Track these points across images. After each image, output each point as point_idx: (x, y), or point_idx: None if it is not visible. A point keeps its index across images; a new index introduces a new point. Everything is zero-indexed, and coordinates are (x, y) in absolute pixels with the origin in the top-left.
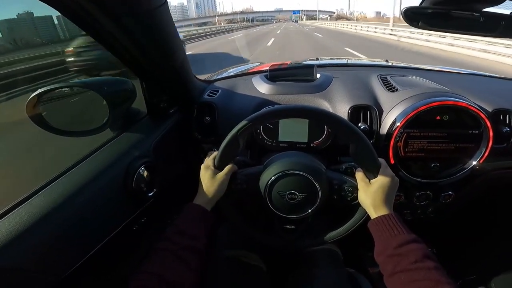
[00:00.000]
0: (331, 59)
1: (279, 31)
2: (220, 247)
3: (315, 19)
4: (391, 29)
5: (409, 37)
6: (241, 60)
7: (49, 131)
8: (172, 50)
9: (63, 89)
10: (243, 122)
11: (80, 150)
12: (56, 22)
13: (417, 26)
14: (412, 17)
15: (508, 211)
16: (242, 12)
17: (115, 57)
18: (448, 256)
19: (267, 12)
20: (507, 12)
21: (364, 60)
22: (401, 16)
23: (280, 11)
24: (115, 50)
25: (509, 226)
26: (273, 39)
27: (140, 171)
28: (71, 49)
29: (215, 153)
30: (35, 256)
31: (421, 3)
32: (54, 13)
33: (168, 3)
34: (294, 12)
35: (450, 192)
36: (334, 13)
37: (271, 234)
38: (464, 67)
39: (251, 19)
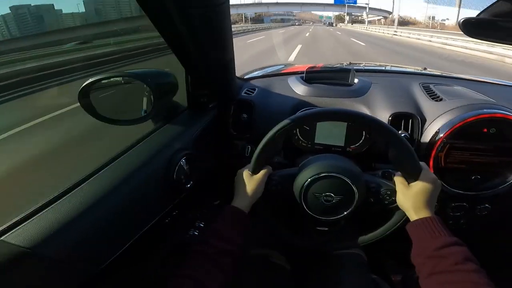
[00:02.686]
0: (366, 64)
1: None
2: (246, 245)
3: (358, 21)
4: None
5: None
6: None
7: (97, 119)
8: (225, 44)
9: (111, 79)
10: (286, 121)
11: (124, 140)
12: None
13: (475, 37)
14: (470, 28)
15: None
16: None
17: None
18: None
19: (285, 3)
20: None
21: (402, 67)
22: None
23: (306, 4)
24: (171, 39)
25: None
26: None
27: (181, 162)
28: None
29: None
30: (77, 247)
31: (479, 14)
32: None
33: None
34: (336, 0)
35: (487, 205)
36: (390, 13)
37: (302, 235)
38: None
39: (258, 18)
